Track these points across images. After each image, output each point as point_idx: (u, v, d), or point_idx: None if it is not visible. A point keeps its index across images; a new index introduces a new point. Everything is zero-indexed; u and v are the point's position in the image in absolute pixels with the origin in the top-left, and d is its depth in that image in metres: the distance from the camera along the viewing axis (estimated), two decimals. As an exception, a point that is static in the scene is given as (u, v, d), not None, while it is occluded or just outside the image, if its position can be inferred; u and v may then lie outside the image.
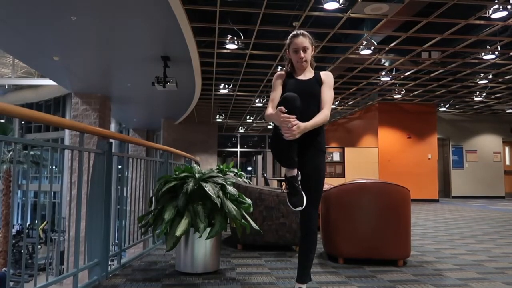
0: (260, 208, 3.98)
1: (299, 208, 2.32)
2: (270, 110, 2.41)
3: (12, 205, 17.46)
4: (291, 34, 2.51)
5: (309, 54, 2.48)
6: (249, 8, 6.42)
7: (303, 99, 2.35)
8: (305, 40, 2.46)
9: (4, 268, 14.49)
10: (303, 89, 2.43)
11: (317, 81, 2.49)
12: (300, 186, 2.36)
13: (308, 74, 2.53)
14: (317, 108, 2.42)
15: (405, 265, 3.50)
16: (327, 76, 2.51)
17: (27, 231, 20.15)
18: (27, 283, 2.46)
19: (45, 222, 16.86)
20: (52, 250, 13.06)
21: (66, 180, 10.99)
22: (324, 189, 3.90)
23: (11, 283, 13.56)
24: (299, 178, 2.38)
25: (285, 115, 2.21)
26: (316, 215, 2.45)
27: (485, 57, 8.37)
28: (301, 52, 2.45)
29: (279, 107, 2.24)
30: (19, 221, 23.43)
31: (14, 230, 20.01)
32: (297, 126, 2.20)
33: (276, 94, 2.50)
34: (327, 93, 2.45)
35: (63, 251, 9.89)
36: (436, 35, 7.35)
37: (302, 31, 2.50)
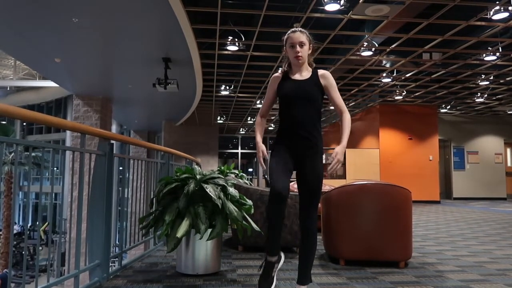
0: (261, 210, 3.97)
1: None
2: (258, 118, 2.66)
3: (13, 207, 17.46)
4: (289, 30, 2.50)
5: (305, 50, 2.44)
6: (250, 10, 6.43)
7: (301, 105, 2.39)
8: (302, 36, 2.43)
9: (6, 270, 14.51)
10: (300, 94, 2.42)
11: (314, 83, 2.45)
12: (275, 273, 2.45)
13: (305, 73, 2.49)
14: (315, 111, 2.43)
15: (406, 267, 3.49)
16: (327, 79, 2.47)
17: (28, 232, 20.17)
18: (28, 284, 2.46)
19: (46, 223, 16.88)
20: (53, 251, 13.06)
21: (67, 182, 11.00)
22: (325, 190, 3.90)
23: (12, 284, 13.56)
24: (278, 266, 2.47)
25: (263, 163, 2.47)
26: (316, 216, 2.45)
27: (486, 59, 8.38)
28: (298, 46, 2.41)
29: (264, 156, 2.47)
30: (21, 223, 23.46)
31: (15, 231, 20.03)
32: (339, 161, 2.39)
33: (266, 102, 2.63)
34: (338, 97, 2.48)
35: (64, 253, 9.89)
36: (437, 37, 7.35)
37: (300, 28, 2.49)
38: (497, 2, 5.95)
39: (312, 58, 2.54)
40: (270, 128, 19.07)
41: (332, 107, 14.29)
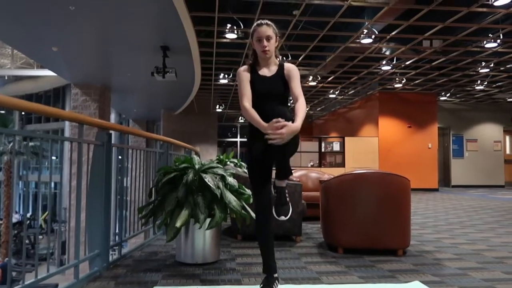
0: (260, 199, 3.97)
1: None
2: (247, 104, 2.34)
3: (13, 196, 17.48)
4: (255, 23, 2.45)
5: (272, 44, 2.41)
6: (248, -3, 6.36)
7: (270, 101, 2.36)
8: (268, 29, 2.39)
9: (6, 258, 14.61)
10: (269, 91, 2.40)
11: (281, 78, 2.43)
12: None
13: (273, 67, 2.47)
14: (284, 105, 2.43)
15: (404, 255, 3.51)
16: (291, 71, 2.43)
17: (28, 221, 20.24)
18: (29, 273, 2.48)
19: (46, 213, 16.95)
20: (54, 240, 13.13)
21: (66, 171, 11.01)
22: (324, 179, 3.91)
23: (13, 273, 13.67)
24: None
25: (279, 127, 2.13)
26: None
27: (487, 46, 8.31)
28: (264, 41, 2.38)
29: (276, 120, 2.15)
30: (21, 212, 23.54)
31: (15, 220, 20.08)
32: (287, 128, 2.11)
33: (247, 87, 2.40)
34: (298, 87, 2.40)
35: (64, 241, 9.95)
36: (437, 23, 7.29)
37: (266, 21, 2.44)
38: (499, -11, 5.89)
39: (278, 51, 2.49)
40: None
41: (333, 95, 14.26)
